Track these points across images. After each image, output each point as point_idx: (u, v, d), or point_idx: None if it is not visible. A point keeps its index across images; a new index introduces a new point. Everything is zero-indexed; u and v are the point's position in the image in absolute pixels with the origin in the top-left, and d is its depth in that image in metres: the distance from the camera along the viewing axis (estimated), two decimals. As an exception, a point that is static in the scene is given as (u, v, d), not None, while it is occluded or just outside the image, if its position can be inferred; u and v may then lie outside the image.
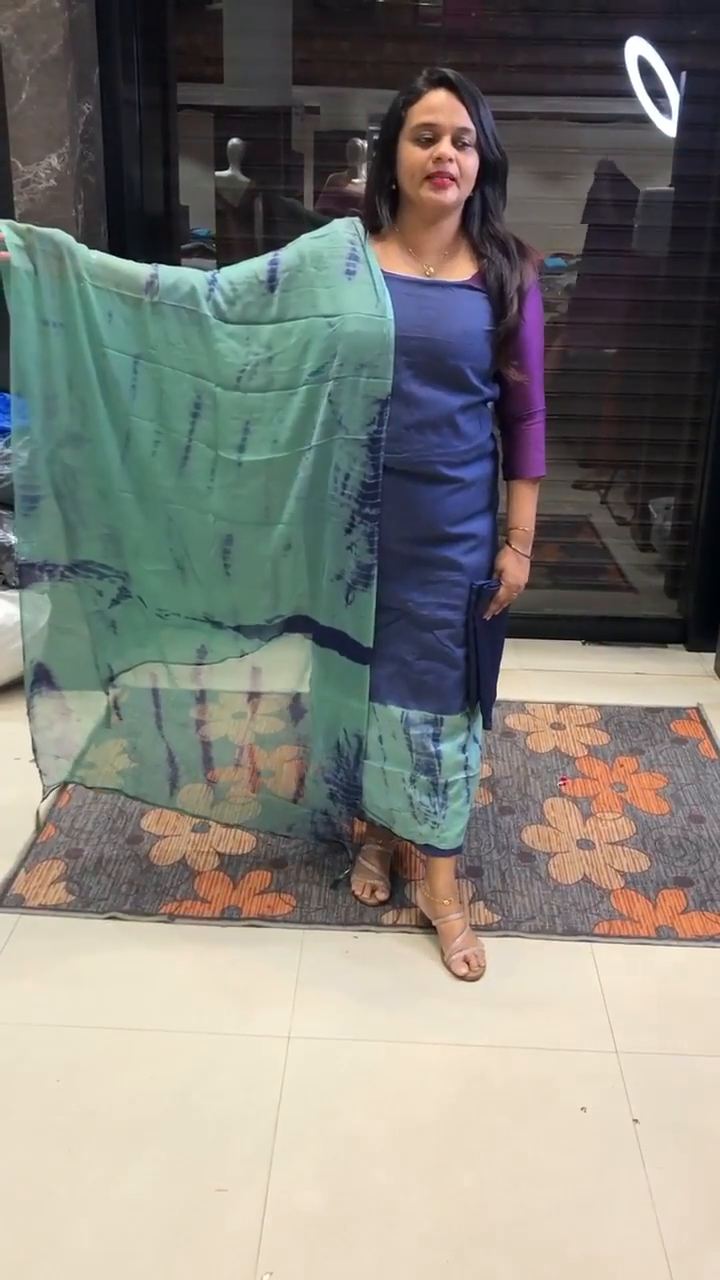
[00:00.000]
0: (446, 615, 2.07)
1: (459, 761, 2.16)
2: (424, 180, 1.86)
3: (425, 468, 1.97)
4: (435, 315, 1.91)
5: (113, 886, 2.43)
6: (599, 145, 3.49)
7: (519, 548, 2.10)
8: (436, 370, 1.92)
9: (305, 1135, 1.84)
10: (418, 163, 1.85)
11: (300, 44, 3.41)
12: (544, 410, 2.07)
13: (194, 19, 3.41)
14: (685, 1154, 1.83)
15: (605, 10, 3.32)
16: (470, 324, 1.92)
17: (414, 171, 1.86)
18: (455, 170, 1.85)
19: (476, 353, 1.93)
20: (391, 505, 1.99)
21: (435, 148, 1.84)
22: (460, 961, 2.22)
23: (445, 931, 2.27)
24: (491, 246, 1.95)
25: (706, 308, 3.46)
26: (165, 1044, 2.02)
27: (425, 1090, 1.94)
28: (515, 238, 1.97)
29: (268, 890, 2.42)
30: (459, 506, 2.02)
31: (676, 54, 3.31)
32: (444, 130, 1.84)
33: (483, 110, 1.87)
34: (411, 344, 1.90)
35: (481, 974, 2.22)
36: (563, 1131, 1.86)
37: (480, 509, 2.06)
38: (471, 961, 2.22)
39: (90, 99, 2.93)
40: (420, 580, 2.05)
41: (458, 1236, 1.68)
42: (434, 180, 1.85)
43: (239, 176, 3.81)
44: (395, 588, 2.06)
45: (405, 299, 1.91)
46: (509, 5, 3.38)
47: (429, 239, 1.94)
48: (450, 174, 1.85)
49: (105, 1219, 1.69)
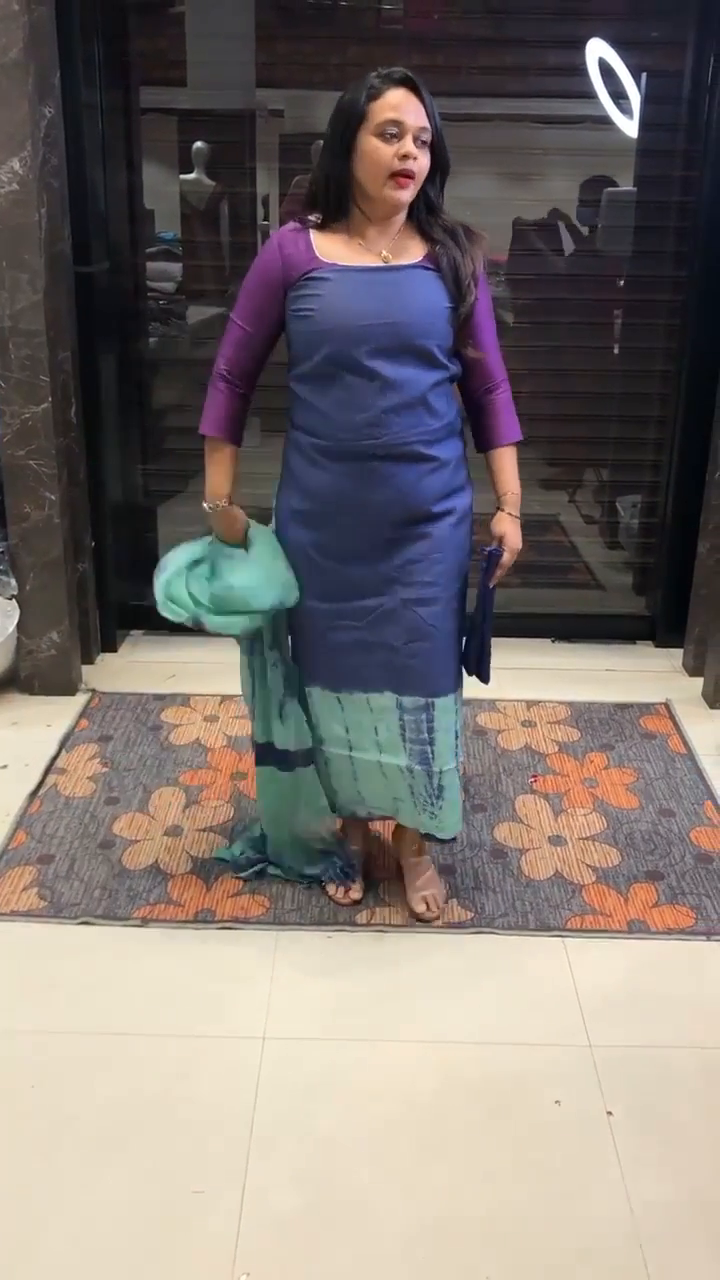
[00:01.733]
0: (433, 593, 2.09)
1: (450, 747, 2.18)
2: (389, 178, 1.89)
3: (405, 449, 2.00)
4: (398, 298, 1.95)
5: (85, 891, 2.42)
6: (562, 146, 3.52)
7: (512, 511, 2.16)
8: (405, 351, 1.95)
9: (281, 1136, 1.84)
10: (383, 159, 1.88)
11: (263, 47, 3.41)
12: (507, 381, 2.13)
13: (156, 22, 3.40)
14: (658, 1145, 1.84)
15: (566, 12, 3.34)
16: (431, 302, 1.97)
17: (378, 168, 1.89)
18: (416, 168, 1.90)
19: (440, 330, 1.98)
20: (376, 490, 2.02)
21: (400, 145, 1.87)
22: (419, 900, 2.35)
23: (410, 872, 2.40)
24: (441, 232, 2.00)
25: (670, 306, 3.49)
26: (140, 1047, 2.02)
27: (400, 1088, 1.95)
28: (462, 224, 2.03)
29: (241, 892, 2.42)
30: (440, 484, 2.05)
31: (637, 55, 3.34)
32: (408, 128, 1.87)
33: (434, 110, 1.92)
34: (380, 329, 1.93)
35: (439, 915, 2.34)
36: (537, 1126, 1.88)
37: (459, 485, 2.10)
38: (430, 901, 2.35)
39: (52, 102, 2.92)
40: (405, 561, 2.07)
41: (434, 1234, 1.69)
42: (397, 179, 1.89)
43: (204, 179, 3.80)
44: (380, 570, 2.08)
45: (368, 287, 1.94)
46: (471, 7, 3.40)
47: (381, 231, 1.98)
48: (412, 171, 1.89)
49: (82, 1222, 1.69)
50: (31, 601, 3.21)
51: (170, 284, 3.81)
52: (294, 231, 2.00)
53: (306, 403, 2.03)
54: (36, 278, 2.91)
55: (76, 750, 2.98)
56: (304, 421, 2.05)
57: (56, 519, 3.12)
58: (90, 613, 3.44)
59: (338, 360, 1.95)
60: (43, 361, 2.98)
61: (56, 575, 3.18)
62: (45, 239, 2.91)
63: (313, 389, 2.01)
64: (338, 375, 1.97)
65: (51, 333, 2.99)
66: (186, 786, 2.82)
